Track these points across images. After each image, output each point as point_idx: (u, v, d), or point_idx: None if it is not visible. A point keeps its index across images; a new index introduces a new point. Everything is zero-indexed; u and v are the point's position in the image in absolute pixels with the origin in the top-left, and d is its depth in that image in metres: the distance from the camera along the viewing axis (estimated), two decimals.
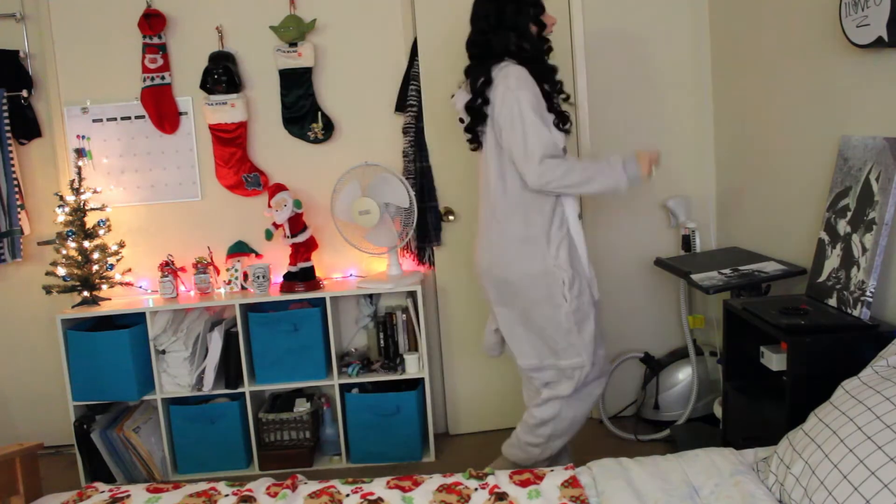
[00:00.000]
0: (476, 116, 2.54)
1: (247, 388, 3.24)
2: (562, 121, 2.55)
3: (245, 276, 3.33)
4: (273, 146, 3.44)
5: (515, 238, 2.52)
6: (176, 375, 3.24)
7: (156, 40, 3.33)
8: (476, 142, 2.62)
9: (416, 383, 3.32)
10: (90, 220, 3.28)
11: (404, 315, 3.38)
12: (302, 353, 3.24)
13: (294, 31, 3.28)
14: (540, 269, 2.50)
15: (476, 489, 1.87)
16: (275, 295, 3.26)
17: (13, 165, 3.33)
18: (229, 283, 3.36)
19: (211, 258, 3.39)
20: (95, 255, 3.25)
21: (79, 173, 3.30)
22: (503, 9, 2.47)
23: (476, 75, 2.51)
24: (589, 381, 2.62)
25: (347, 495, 1.88)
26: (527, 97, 2.41)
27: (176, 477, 3.28)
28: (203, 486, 1.98)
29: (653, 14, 3.38)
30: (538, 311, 2.54)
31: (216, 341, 3.24)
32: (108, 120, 3.41)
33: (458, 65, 3.33)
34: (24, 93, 3.37)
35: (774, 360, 2.37)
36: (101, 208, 3.34)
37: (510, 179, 2.50)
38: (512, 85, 2.42)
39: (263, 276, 3.28)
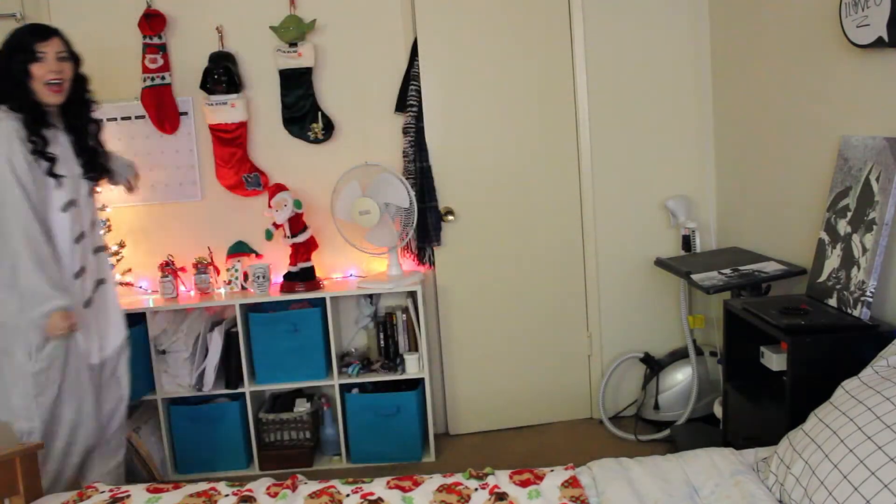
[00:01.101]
0: None
1: (247, 388, 3.24)
2: (89, 164, 2.49)
3: (245, 276, 3.33)
4: (273, 146, 3.43)
5: None
6: (176, 375, 3.24)
7: (156, 40, 3.33)
8: None
9: (416, 383, 3.32)
10: None
11: (404, 315, 3.38)
12: (302, 353, 3.23)
13: (294, 31, 3.28)
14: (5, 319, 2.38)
15: (476, 489, 1.88)
16: (275, 295, 3.26)
17: None
18: (229, 283, 3.36)
19: (211, 258, 3.39)
20: None
21: None
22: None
23: None
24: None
25: (347, 495, 1.88)
26: None
27: (176, 477, 3.28)
28: (203, 486, 1.98)
29: (653, 14, 3.38)
30: (6, 363, 2.42)
31: (216, 341, 3.24)
32: (108, 120, 3.40)
33: (459, 65, 3.37)
34: None
35: (774, 360, 2.38)
36: (102, 208, 3.34)
37: None
38: None
39: (263, 276, 3.28)
